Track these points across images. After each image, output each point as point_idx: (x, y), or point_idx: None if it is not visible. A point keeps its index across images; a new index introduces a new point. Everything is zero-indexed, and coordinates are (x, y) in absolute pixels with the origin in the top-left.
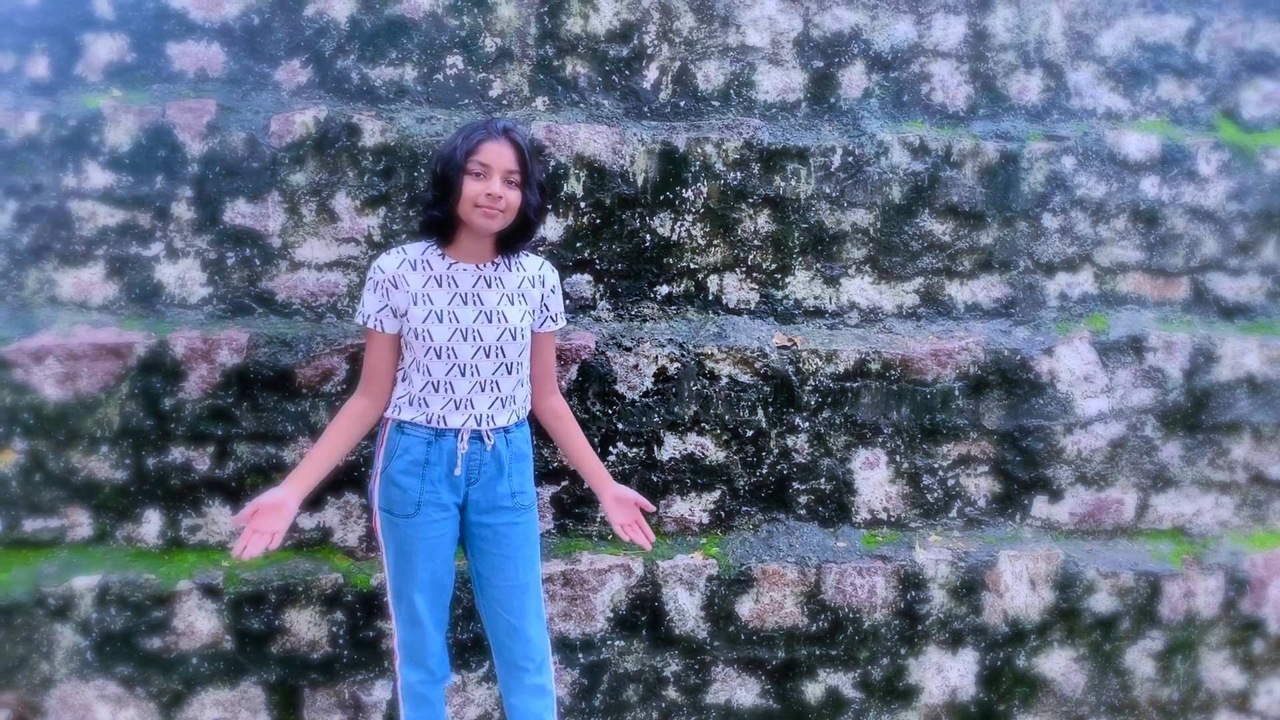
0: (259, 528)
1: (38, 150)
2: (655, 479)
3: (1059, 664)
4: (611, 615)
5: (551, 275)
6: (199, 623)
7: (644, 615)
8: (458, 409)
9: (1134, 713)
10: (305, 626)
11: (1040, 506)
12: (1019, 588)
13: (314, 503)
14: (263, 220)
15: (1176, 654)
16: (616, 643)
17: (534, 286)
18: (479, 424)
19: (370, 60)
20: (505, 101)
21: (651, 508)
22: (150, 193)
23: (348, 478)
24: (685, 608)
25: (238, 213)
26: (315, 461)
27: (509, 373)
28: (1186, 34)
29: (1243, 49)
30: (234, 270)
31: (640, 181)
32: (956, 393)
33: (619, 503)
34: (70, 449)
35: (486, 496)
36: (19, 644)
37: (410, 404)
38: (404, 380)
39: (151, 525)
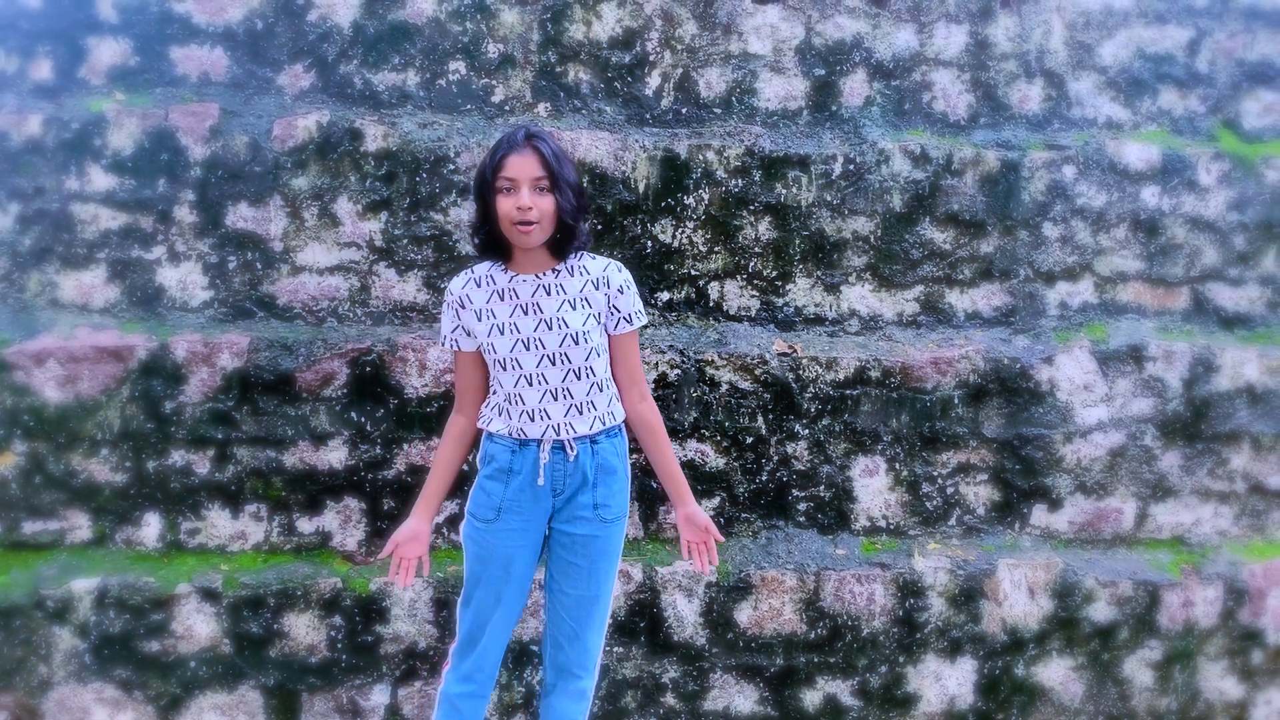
0: (405, 555)
1: (40, 153)
2: (655, 485)
3: (1057, 673)
4: (610, 621)
5: (617, 276)
6: (197, 626)
7: (643, 621)
8: (533, 420)
9: None
10: (303, 630)
11: (1039, 515)
12: (1018, 596)
13: (313, 506)
14: (264, 224)
15: (1175, 664)
16: (615, 649)
17: (597, 289)
18: (558, 433)
19: (373, 65)
20: (507, 107)
21: (722, 539)
22: (152, 196)
23: (347, 482)
24: (684, 614)
25: (239, 216)
26: (433, 486)
27: (579, 378)
28: (1187, 44)
29: (1243, 59)
30: (235, 274)
31: (642, 188)
32: (956, 401)
33: (690, 522)
34: (70, 451)
35: (570, 506)
36: (17, 646)
37: (497, 415)
38: (492, 393)
39: (151, 528)
